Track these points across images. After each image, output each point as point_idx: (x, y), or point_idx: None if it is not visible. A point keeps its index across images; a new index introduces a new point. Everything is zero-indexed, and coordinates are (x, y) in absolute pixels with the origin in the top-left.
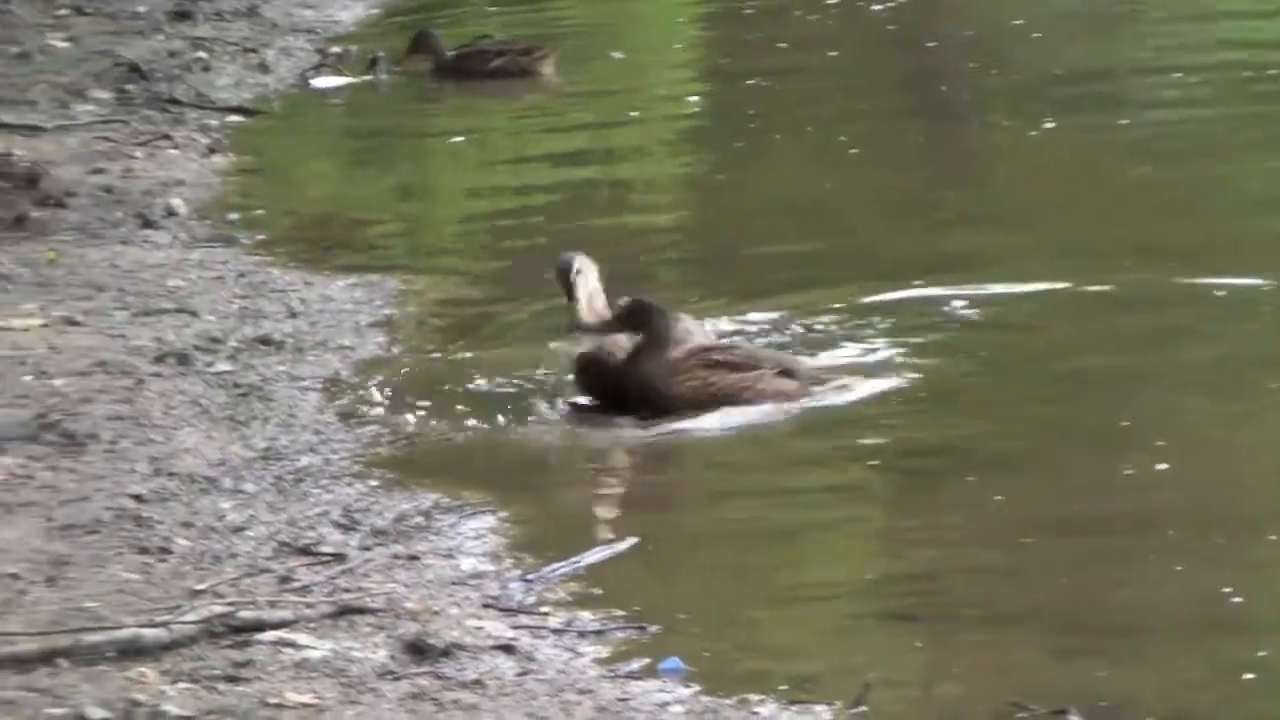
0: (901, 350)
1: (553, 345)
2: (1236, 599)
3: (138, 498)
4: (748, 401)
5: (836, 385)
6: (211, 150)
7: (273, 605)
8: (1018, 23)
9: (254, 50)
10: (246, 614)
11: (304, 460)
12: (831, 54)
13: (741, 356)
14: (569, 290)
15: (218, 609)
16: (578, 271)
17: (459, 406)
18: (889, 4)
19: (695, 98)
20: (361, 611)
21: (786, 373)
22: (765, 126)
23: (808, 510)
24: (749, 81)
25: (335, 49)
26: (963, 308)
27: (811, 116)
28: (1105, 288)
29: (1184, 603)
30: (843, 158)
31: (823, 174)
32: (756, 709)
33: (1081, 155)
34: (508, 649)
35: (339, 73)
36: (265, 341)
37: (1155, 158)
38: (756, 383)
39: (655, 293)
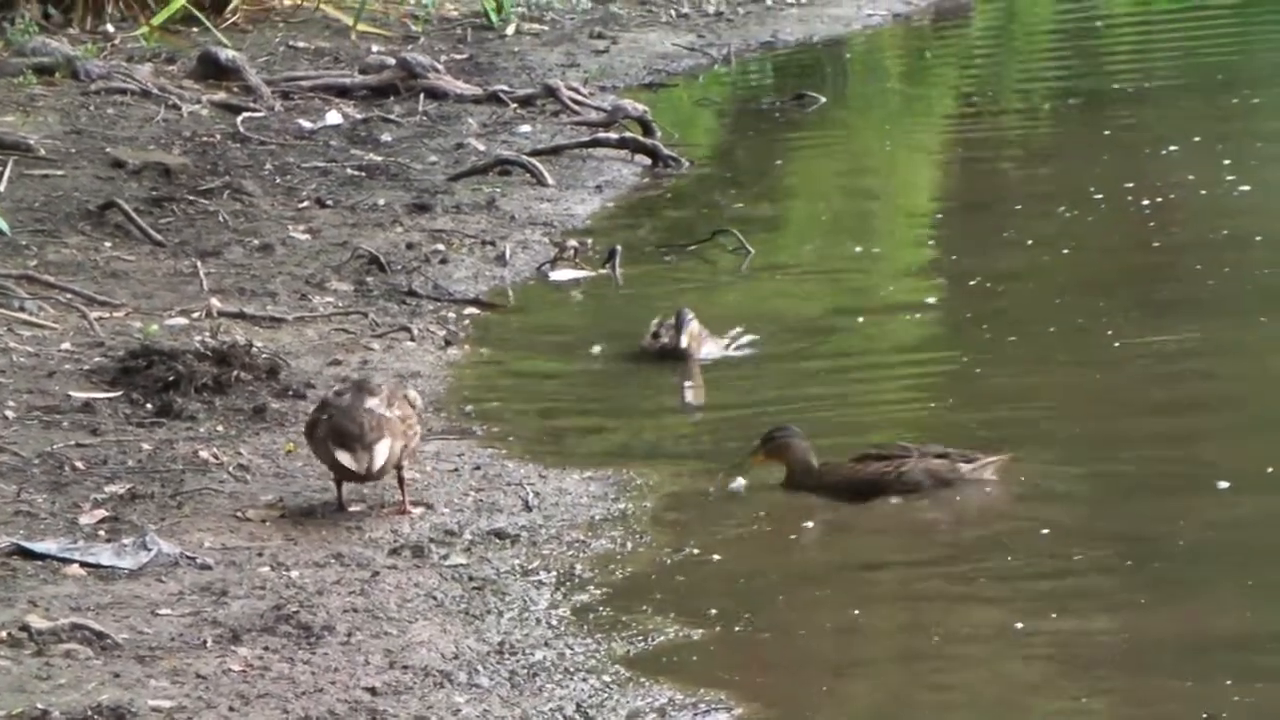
0: None
1: None
2: None
3: (372, 690)
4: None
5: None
6: (448, 342)
7: None
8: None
9: (491, 243)
10: None
11: (538, 655)
12: (1065, 251)
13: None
14: (679, 328)
15: None
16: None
17: (693, 602)
18: (1159, 200)
19: (931, 299)
20: None
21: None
22: (999, 328)
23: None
24: (973, 283)
25: (572, 242)
26: None
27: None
28: None
29: None
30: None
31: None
32: None
33: None
34: None
35: (576, 266)
36: (500, 535)
37: None
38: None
39: None
